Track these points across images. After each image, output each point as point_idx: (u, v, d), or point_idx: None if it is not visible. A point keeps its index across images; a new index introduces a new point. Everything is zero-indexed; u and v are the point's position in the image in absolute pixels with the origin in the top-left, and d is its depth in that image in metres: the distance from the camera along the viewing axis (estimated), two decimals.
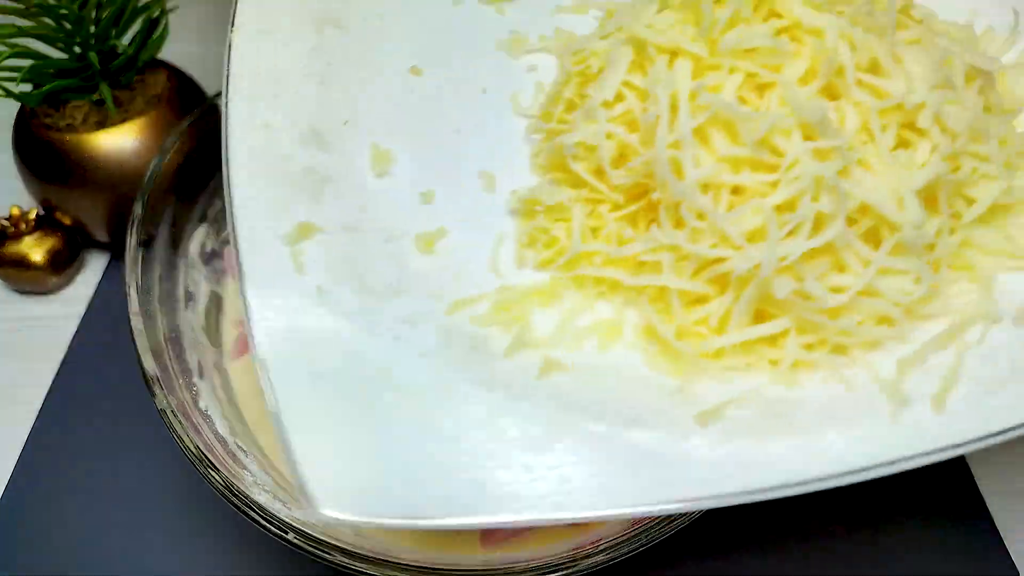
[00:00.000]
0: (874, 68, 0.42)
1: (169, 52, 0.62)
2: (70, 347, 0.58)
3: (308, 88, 0.49)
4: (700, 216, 0.39)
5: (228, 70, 0.48)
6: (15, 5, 0.54)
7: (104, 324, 0.61)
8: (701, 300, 0.40)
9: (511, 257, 0.44)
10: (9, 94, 0.56)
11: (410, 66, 0.52)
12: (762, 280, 0.38)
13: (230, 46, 0.49)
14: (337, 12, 0.53)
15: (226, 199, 0.43)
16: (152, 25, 0.59)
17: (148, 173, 0.53)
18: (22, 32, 0.55)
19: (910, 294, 0.40)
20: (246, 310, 0.39)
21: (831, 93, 0.42)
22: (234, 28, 0.50)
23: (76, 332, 0.59)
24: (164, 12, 0.59)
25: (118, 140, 0.57)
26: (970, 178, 0.42)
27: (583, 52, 0.46)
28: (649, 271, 0.41)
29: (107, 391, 0.56)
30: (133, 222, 0.51)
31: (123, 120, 0.58)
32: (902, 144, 0.42)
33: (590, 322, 0.42)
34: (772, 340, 0.40)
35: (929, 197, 0.41)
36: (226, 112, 0.46)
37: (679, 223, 0.40)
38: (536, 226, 0.44)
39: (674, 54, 0.42)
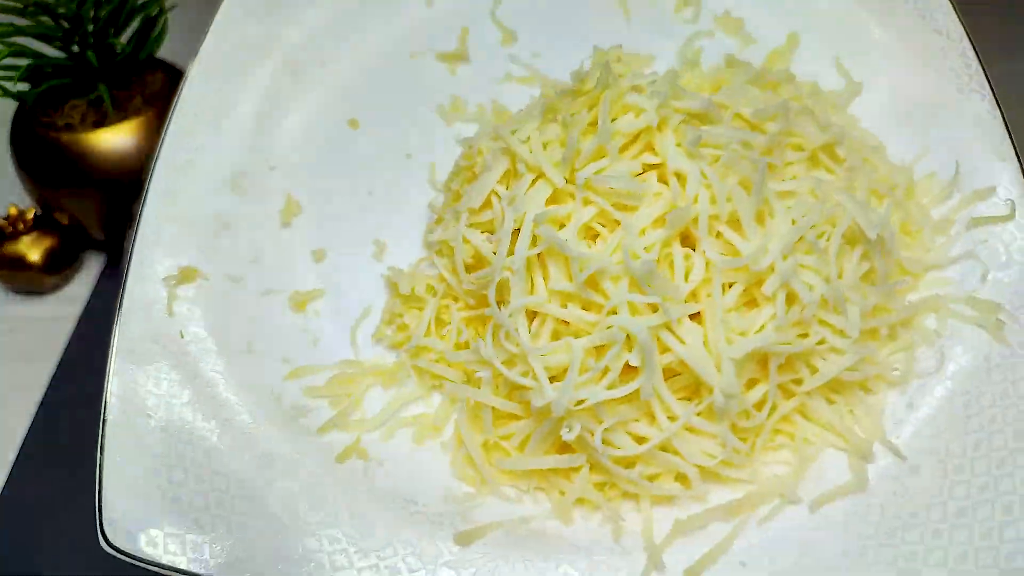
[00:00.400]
0: (735, 222, 0.41)
1: (168, 51, 0.62)
2: (67, 347, 0.58)
3: (247, 129, 0.53)
4: (517, 343, 0.40)
5: (176, 100, 0.52)
6: (13, 4, 0.55)
7: (101, 324, 0.56)
8: (513, 417, 0.42)
9: (372, 331, 0.47)
10: (7, 93, 0.56)
11: (349, 118, 0.55)
12: (555, 418, 0.39)
13: (186, 77, 0.53)
14: (299, 58, 0.56)
15: (134, 227, 0.47)
16: (150, 24, 0.60)
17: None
18: (20, 31, 0.56)
19: (712, 457, 0.40)
20: (113, 335, 0.44)
21: (689, 239, 0.41)
22: (196, 58, 0.54)
23: (73, 332, 0.59)
24: (163, 11, 0.60)
25: (116, 139, 0.58)
26: (815, 349, 0.41)
27: (472, 149, 0.47)
28: (474, 380, 0.43)
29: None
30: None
31: (121, 119, 0.58)
32: (751, 303, 0.41)
33: (416, 413, 0.44)
34: (567, 472, 0.41)
35: (762, 362, 0.41)
36: (161, 141, 0.50)
37: (500, 344, 0.41)
38: (395, 309, 0.46)
39: (540, 174, 0.42)
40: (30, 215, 0.60)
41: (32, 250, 0.60)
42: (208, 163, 0.50)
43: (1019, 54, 0.54)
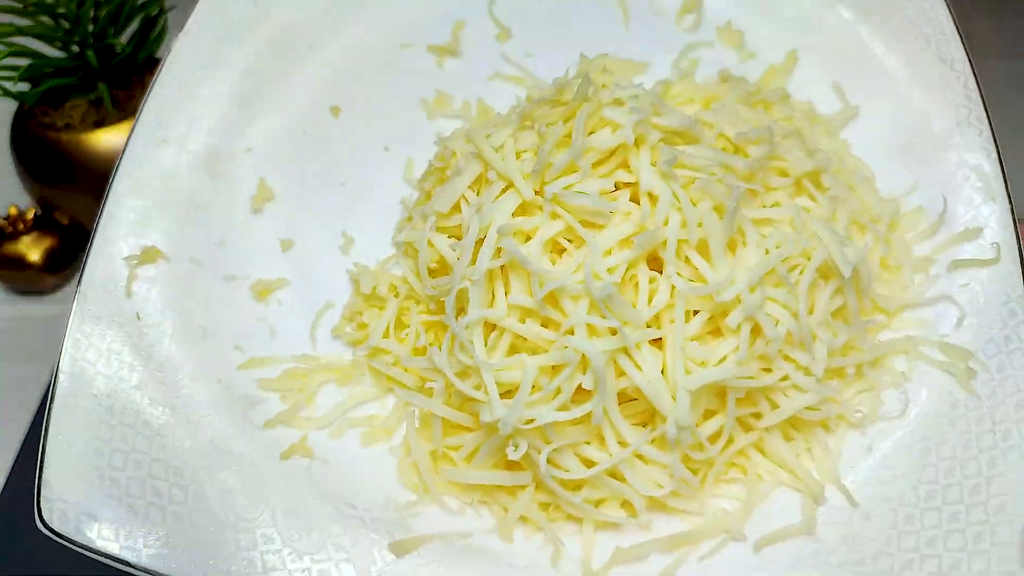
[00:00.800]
0: (706, 249, 0.40)
1: (167, 51, 0.59)
2: None
3: (227, 109, 0.52)
4: (471, 355, 0.40)
5: (157, 75, 0.51)
6: (13, 4, 0.55)
7: None
8: (463, 428, 0.41)
9: (332, 325, 0.46)
10: (7, 93, 0.56)
11: (331, 104, 0.54)
12: (502, 435, 0.38)
13: (171, 50, 0.52)
14: (286, 38, 0.55)
15: (102, 202, 0.47)
16: (150, 24, 0.60)
17: None
18: (20, 31, 0.56)
19: (661, 487, 0.39)
20: (70, 312, 0.43)
21: (657, 261, 0.40)
22: (183, 32, 0.53)
23: None
24: (163, 11, 0.60)
25: (116, 139, 0.57)
26: (777, 385, 0.40)
27: (446, 149, 0.46)
28: (426, 388, 0.42)
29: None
30: None
31: (121, 119, 0.58)
32: (716, 332, 0.40)
33: (369, 413, 0.43)
34: (512, 489, 0.40)
35: (721, 393, 0.40)
36: (138, 116, 0.50)
37: (454, 354, 0.40)
38: (356, 306, 0.46)
39: (510, 184, 0.41)
40: (30, 215, 0.60)
41: (32, 250, 0.60)
42: (183, 141, 0.50)
43: (1019, 54, 0.52)
